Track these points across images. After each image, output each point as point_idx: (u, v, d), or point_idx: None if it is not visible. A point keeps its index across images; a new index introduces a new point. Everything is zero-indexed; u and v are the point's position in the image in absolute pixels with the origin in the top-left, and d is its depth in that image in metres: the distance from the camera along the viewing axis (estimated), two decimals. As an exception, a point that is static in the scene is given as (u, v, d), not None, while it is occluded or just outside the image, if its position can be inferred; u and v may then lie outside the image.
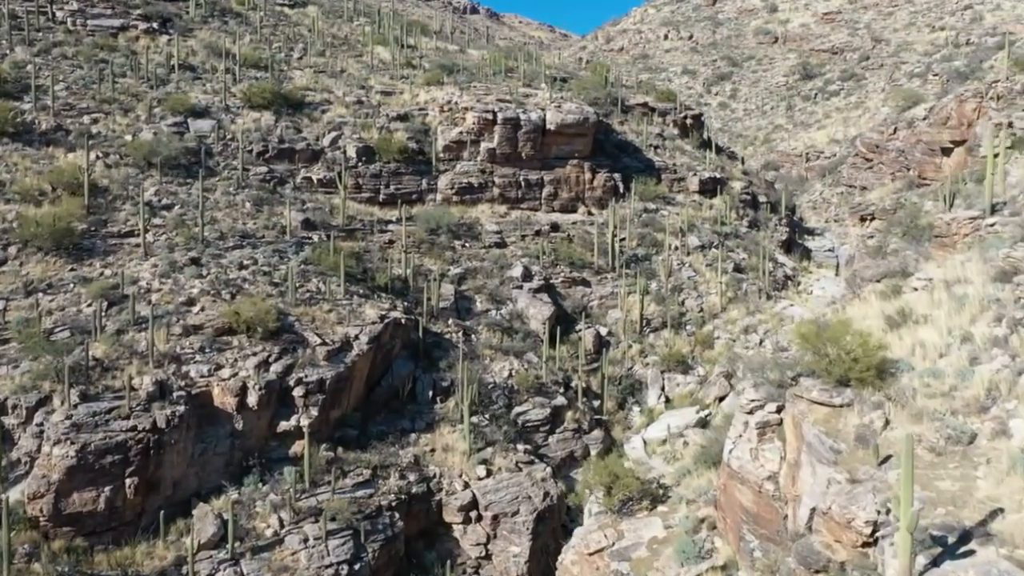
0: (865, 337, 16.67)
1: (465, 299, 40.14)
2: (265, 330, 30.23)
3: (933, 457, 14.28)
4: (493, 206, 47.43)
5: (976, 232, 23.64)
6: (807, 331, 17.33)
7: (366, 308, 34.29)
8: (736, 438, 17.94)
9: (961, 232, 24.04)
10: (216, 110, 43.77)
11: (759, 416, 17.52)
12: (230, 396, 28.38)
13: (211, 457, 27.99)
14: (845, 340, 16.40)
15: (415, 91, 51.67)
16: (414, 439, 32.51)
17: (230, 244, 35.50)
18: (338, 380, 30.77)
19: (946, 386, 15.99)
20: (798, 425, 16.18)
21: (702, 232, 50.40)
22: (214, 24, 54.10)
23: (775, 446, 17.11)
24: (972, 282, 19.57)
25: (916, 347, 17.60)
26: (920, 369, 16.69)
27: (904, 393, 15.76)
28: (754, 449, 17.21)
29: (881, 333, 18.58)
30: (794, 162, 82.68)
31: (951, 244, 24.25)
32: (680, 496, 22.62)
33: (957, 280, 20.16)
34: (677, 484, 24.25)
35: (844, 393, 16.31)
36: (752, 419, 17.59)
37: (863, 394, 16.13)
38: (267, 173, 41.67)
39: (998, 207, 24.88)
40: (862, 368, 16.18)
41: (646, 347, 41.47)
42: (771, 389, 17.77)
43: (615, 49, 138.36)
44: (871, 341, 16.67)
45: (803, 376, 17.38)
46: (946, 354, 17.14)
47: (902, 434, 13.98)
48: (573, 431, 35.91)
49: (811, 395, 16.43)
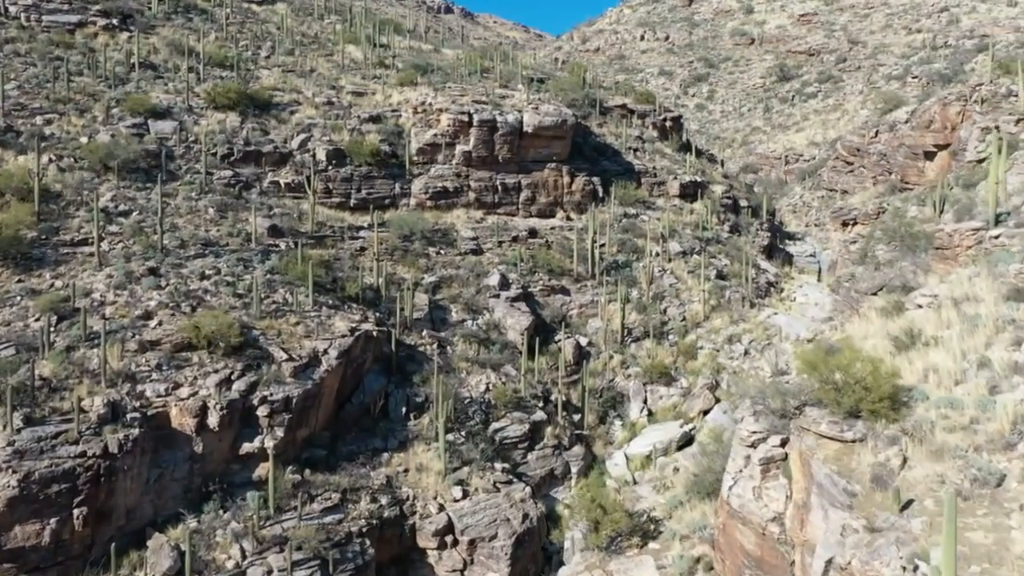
0: (876, 363, 15.28)
1: (440, 309, 38.51)
2: (227, 345, 28.45)
3: (959, 502, 12.92)
4: (469, 211, 45.84)
5: (980, 244, 22.45)
6: (813, 358, 15.92)
7: (336, 320, 32.57)
8: (736, 473, 16.53)
9: (964, 244, 22.84)
10: (178, 111, 41.76)
11: (762, 451, 16.11)
12: (189, 417, 26.58)
13: (168, 483, 26.17)
14: (855, 368, 15.00)
15: (388, 92, 49.93)
16: (386, 459, 30.83)
17: (191, 253, 33.61)
18: (305, 398, 29.06)
19: (966, 418, 14.66)
20: (806, 462, 14.79)
21: (683, 238, 49.15)
22: (177, 21, 51.96)
23: (780, 484, 15.72)
24: (983, 300, 18.30)
25: (929, 373, 16.29)
26: (936, 398, 15.35)
27: (921, 427, 14.42)
28: (757, 487, 15.81)
29: (888, 356, 17.21)
30: (773, 165, 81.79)
31: (953, 257, 23.04)
32: (673, 531, 21.18)
33: (966, 297, 18.88)
34: (668, 517, 22.84)
35: (856, 426, 14.93)
36: (755, 454, 16.18)
37: (876, 427, 14.77)
38: (232, 177, 39.75)
39: (1002, 217, 23.70)
40: (875, 398, 14.82)
41: (628, 358, 40.08)
42: (773, 420, 16.38)
43: (591, 50, 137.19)
44: (882, 368, 15.29)
45: (808, 405, 16.00)
46: (962, 381, 15.83)
47: (922, 474, 12.64)
48: (553, 448, 34.39)
49: (819, 428, 15.04)
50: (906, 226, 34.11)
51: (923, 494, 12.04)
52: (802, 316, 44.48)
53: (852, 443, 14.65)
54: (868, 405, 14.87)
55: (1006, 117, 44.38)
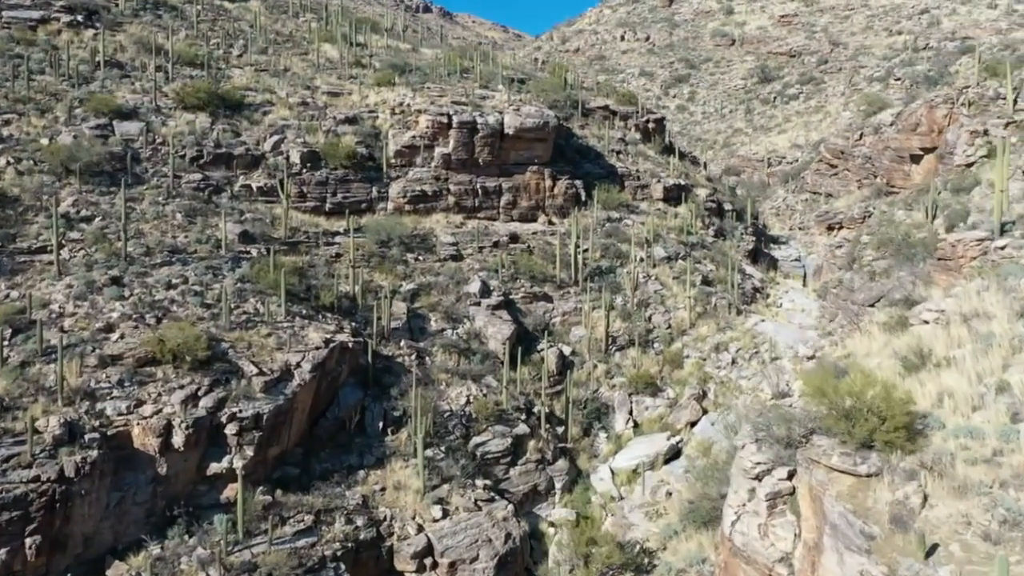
0: (888, 388, 14.15)
1: (419, 317, 37.14)
2: (194, 359, 26.94)
3: (988, 547, 11.81)
4: (448, 215, 44.50)
5: (984, 255, 21.44)
6: (821, 383, 14.76)
7: (309, 331, 31.13)
8: (739, 507, 15.35)
9: (967, 255, 21.85)
10: (145, 111, 40.09)
11: (768, 484, 14.94)
12: (152, 436, 25.05)
13: (129, 507, 24.63)
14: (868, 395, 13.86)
15: (364, 92, 48.48)
16: (362, 477, 29.43)
17: (157, 260, 32.04)
18: (277, 414, 27.60)
19: (988, 449, 13.56)
20: (817, 499, 13.64)
21: (668, 242, 48.10)
22: (146, 18, 50.20)
23: (788, 520, 14.57)
24: (995, 317, 17.26)
25: (944, 398, 15.18)
26: (953, 427, 14.25)
27: (941, 459, 13.29)
28: (763, 524, 14.64)
29: (897, 378, 16.09)
30: (755, 167, 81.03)
31: (956, 268, 22.05)
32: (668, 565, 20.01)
33: (975, 313, 17.83)
34: (663, 548, 21.65)
35: (870, 459, 13.79)
36: (760, 489, 15.00)
37: (892, 460, 13.65)
38: (201, 180, 38.17)
39: (1006, 227, 22.71)
40: (889, 428, 13.69)
41: (612, 367, 38.92)
42: (779, 449, 15.22)
43: (571, 50, 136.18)
44: (895, 393, 14.16)
45: (816, 434, 14.84)
46: (980, 407, 14.74)
47: (945, 513, 11.52)
48: (536, 462, 33.15)
49: (831, 461, 13.90)
50: (903, 234, 33.10)
51: (948, 537, 10.91)
52: (789, 323, 43.60)
53: (867, 478, 13.52)
54: (882, 435, 13.75)
55: (995, 120, 43.71)
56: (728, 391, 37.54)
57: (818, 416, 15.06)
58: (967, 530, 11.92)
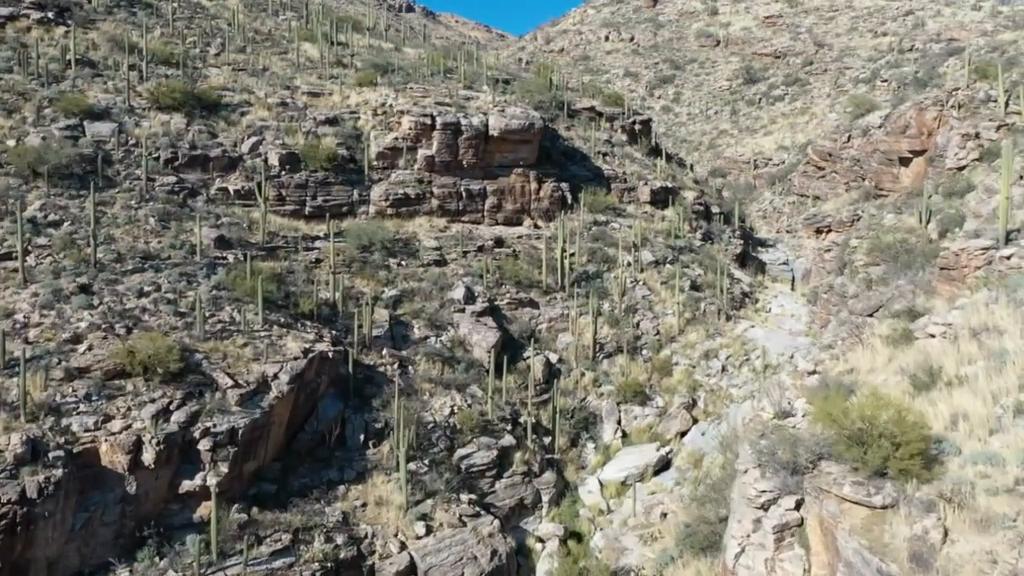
0: (901, 412, 13.26)
1: (401, 325, 36.07)
2: (166, 371, 25.76)
3: (1017, 588, 10.92)
4: (432, 219, 43.43)
5: (989, 265, 20.65)
6: (832, 407, 13.85)
7: (288, 341, 29.99)
8: (744, 539, 14.41)
9: (972, 264, 21.04)
10: (118, 111, 38.77)
11: (775, 516, 14.01)
12: (121, 453, 23.86)
13: (97, 528, 23.43)
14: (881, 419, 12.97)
15: (346, 92, 47.33)
16: (343, 492, 28.31)
17: (129, 267, 30.81)
18: (253, 428, 26.48)
19: (1009, 478, 12.69)
20: (829, 532, 12.74)
21: (655, 246, 47.25)
22: (120, 15, 48.80)
23: (796, 554, 13.64)
24: (1006, 332, 16.42)
25: (958, 419, 14.31)
26: (970, 452, 13.38)
27: (960, 489, 12.41)
28: (770, 559, 13.71)
29: (906, 397, 15.21)
30: (742, 169, 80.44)
31: (960, 278, 21.24)
32: (665, 595, 19.08)
33: (985, 328, 16.98)
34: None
35: (884, 489, 12.89)
36: (766, 520, 14.07)
37: (907, 490, 12.76)
38: (176, 183, 36.93)
39: (1012, 235, 21.93)
40: (904, 455, 12.79)
41: (600, 375, 38.01)
42: (784, 476, 14.30)
43: (555, 50, 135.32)
44: (908, 417, 13.27)
45: (824, 460, 13.94)
46: (998, 430, 13.88)
47: (968, 550, 10.67)
48: (523, 475, 32.16)
49: (842, 490, 12.99)
50: (900, 241, 32.35)
51: (973, 579, 9.98)
52: (779, 328, 42.88)
53: (882, 510, 12.63)
54: (897, 463, 12.87)
55: (986, 123, 43.15)
56: (718, 399, 36.74)
57: (826, 441, 14.17)
58: (993, 569, 11.05)
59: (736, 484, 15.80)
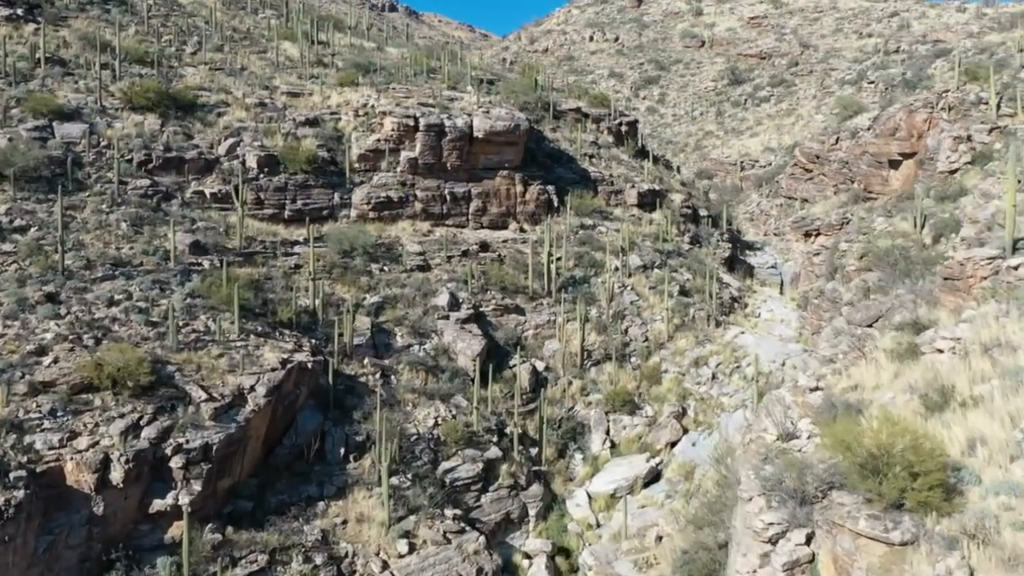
0: (917, 438, 12.37)
1: (383, 333, 34.98)
2: (136, 385, 24.59)
3: (1051, 638, 10.05)
4: (415, 223, 42.34)
5: (996, 275, 19.85)
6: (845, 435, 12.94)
7: (265, 351, 28.87)
8: (750, 574, 13.51)
9: (977, 275, 20.23)
10: (89, 112, 37.46)
11: (784, 551, 13.07)
12: (88, 472, 22.68)
13: (61, 552, 22.24)
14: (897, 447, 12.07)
15: (326, 92, 46.16)
16: (322, 509, 27.22)
17: (98, 274, 29.58)
18: (228, 444, 25.36)
19: (1035, 511, 11.80)
20: (844, 571, 11.83)
21: (643, 250, 46.36)
22: (93, 12, 47.36)
23: (807, 593, 12.78)
24: (1020, 347, 15.61)
25: (976, 444, 13.44)
26: (991, 482, 12.52)
27: (984, 523, 11.53)
28: (779, 598, 12.84)
29: (917, 418, 14.34)
30: (728, 171, 79.79)
31: (965, 289, 20.44)
32: (663, 629, 18.15)
33: (997, 343, 16.16)
34: (655, 605, 19.77)
35: (902, 523, 12.00)
36: (775, 556, 13.13)
37: (927, 524, 11.88)
38: (149, 187, 35.67)
39: (1019, 244, 21.14)
40: (923, 487, 11.90)
41: (588, 383, 37.09)
42: (793, 507, 13.39)
43: (539, 50, 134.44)
44: (925, 443, 12.38)
45: (836, 490, 13.04)
46: (1018, 456, 13.03)
47: (996, 594, 9.64)
48: (509, 488, 31.17)
49: (857, 524, 12.09)
50: (899, 248, 31.56)
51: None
52: (769, 335, 42.10)
53: (901, 547, 11.76)
54: (916, 495, 12.00)
55: (978, 126, 42.54)
56: (709, 408, 35.91)
57: (837, 469, 13.28)
58: (1024, 616, 10.21)
59: (738, 512, 14.90)
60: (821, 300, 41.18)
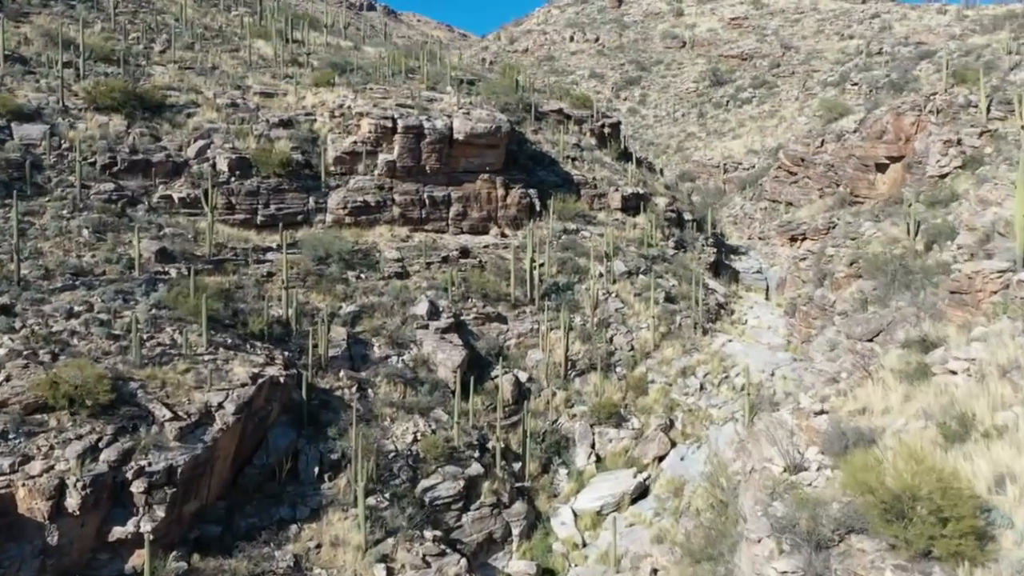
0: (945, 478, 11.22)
1: (360, 343, 33.59)
2: (95, 404, 23.08)
3: None
4: (393, 228, 40.94)
5: (1006, 289, 18.83)
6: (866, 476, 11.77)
7: (235, 365, 27.41)
8: (761, 628, 12.35)
9: (987, 289, 19.22)
10: (51, 112, 35.76)
11: (801, 605, 11.95)
12: (41, 499, 21.16)
13: (12, 586, 20.74)
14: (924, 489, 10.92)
15: (301, 93, 44.65)
16: (295, 532, 25.81)
17: (58, 285, 28.00)
18: (195, 465, 23.89)
19: (1077, 561, 10.68)
20: (869, 629, 10.69)
21: (628, 256, 45.25)
22: (57, 8, 45.55)
23: (827, 651, 11.62)
24: (1042, 371, 14.47)
25: (1004, 481, 12.32)
26: (1024, 525, 11.37)
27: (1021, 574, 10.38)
28: (797, 657, 11.67)
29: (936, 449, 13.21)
30: (711, 173, 78.92)
31: (973, 304, 19.42)
32: (661, 678, 16.94)
33: (1016, 365, 15.12)
34: (652, 650, 18.57)
35: (932, 573, 10.86)
36: (791, 610, 12.01)
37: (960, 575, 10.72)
38: (114, 191, 34.06)
39: (1029, 257, 20.15)
40: (955, 534, 10.77)
41: (572, 395, 35.88)
42: (808, 553, 12.21)
43: (519, 50, 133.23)
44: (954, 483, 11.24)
45: (855, 533, 11.89)
46: (1052, 496, 11.90)
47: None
48: (491, 506, 29.85)
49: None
50: (899, 258, 30.52)
51: None
52: (757, 342, 41.12)
53: (932, 603, 10.66)
54: (946, 544, 10.87)
55: (968, 130, 41.82)
56: (697, 420, 34.83)
57: (856, 510, 12.13)
58: None
59: (744, 552, 13.70)
60: (810, 307, 40.27)
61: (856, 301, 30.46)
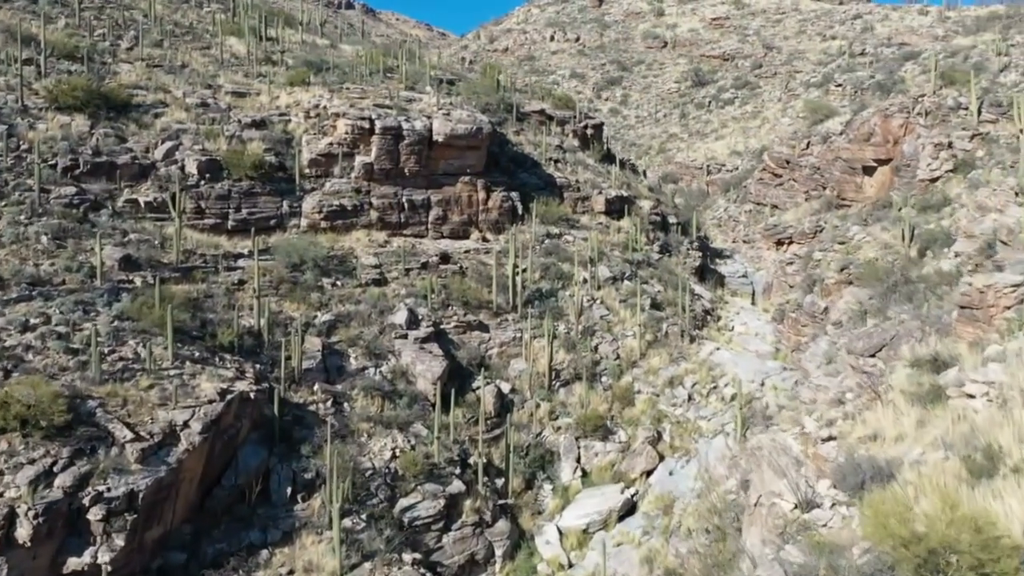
0: (983, 527, 10.07)
1: (336, 355, 32.16)
2: (50, 425, 21.58)
3: None
4: (371, 233, 39.50)
5: (1021, 304, 17.79)
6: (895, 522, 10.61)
7: (202, 380, 25.94)
8: None
9: (1000, 304, 18.17)
10: (9, 112, 34.05)
11: (825, 671, 10.77)
12: (-11, 530, 19.67)
13: (-44, 625, 19.23)
14: (964, 541, 9.77)
15: (275, 92, 43.11)
16: (265, 558, 24.37)
17: (13, 295, 26.38)
18: (158, 489, 22.42)
19: None
20: None
21: (612, 261, 44.10)
22: (17, 2, 43.70)
23: None
24: (1070, 398, 13.37)
25: (1039, 524, 11.15)
26: (1069, 577, 10.23)
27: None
28: None
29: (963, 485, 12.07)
30: (694, 175, 78.00)
31: (985, 319, 18.38)
32: None
33: (1040, 390, 13.94)
34: None
35: (971, 637, 9.75)
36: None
37: (1001, 639, 9.60)
38: (75, 195, 32.38)
39: (1041, 269, 19.18)
40: (995, 590, 9.63)
41: (556, 406, 34.67)
42: (829, 607, 11.06)
43: (499, 50, 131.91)
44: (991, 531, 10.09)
45: (880, 586, 10.74)
46: (1094, 543, 10.76)
47: None
48: (473, 526, 28.54)
49: (916, 641, 9.79)
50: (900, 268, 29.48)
51: None
52: (745, 350, 40.09)
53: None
54: (987, 603, 9.77)
55: (959, 132, 41.02)
56: (685, 432, 33.71)
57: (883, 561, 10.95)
58: None
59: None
60: (799, 314, 39.31)
61: (852, 312, 29.45)
